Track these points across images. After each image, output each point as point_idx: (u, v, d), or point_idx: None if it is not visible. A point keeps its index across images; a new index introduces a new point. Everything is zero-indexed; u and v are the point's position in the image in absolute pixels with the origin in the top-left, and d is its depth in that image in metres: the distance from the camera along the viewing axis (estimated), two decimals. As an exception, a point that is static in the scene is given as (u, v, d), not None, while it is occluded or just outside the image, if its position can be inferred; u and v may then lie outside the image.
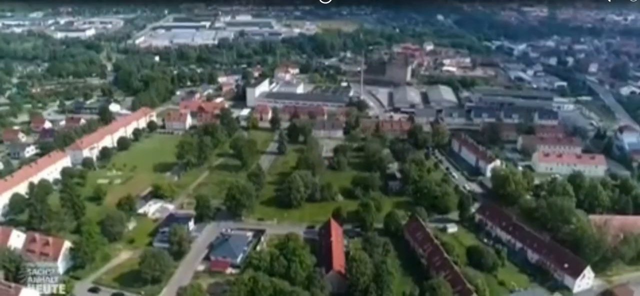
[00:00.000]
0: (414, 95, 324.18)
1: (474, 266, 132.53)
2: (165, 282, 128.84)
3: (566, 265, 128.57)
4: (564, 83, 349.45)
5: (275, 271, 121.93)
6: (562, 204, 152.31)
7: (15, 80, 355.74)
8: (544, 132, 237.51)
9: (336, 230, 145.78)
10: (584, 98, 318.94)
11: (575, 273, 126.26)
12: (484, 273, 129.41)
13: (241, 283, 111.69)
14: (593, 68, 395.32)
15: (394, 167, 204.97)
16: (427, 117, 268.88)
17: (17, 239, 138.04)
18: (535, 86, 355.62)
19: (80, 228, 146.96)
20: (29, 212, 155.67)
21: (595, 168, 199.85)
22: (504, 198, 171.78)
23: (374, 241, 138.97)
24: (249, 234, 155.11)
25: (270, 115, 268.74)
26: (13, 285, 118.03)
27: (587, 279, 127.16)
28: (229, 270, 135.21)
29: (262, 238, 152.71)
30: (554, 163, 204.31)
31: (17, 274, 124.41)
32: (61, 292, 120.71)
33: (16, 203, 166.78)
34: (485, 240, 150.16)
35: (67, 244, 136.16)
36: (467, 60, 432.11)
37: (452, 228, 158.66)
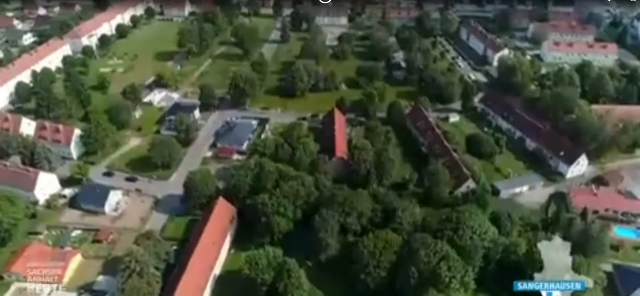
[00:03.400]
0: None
1: (473, 154, 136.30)
2: (175, 168, 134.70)
3: (562, 153, 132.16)
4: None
5: (280, 158, 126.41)
6: (566, 94, 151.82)
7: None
8: (557, 19, 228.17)
9: (340, 119, 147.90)
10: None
11: (570, 160, 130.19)
12: (482, 161, 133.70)
13: (248, 168, 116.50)
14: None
15: (399, 56, 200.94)
16: (436, 3, 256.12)
17: (28, 127, 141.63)
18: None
19: (88, 116, 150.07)
20: (36, 100, 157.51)
21: (606, 57, 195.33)
22: (509, 88, 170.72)
23: (376, 130, 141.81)
24: (254, 123, 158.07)
25: (272, 1, 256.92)
26: (31, 169, 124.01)
27: (581, 166, 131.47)
28: (236, 157, 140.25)
29: (267, 127, 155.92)
30: (564, 52, 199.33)
31: (33, 159, 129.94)
32: (77, 175, 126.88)
33: (22, 91, 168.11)
34: (486, 129, 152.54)
35: (78, 131, 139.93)
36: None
37: (454, 118, 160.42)
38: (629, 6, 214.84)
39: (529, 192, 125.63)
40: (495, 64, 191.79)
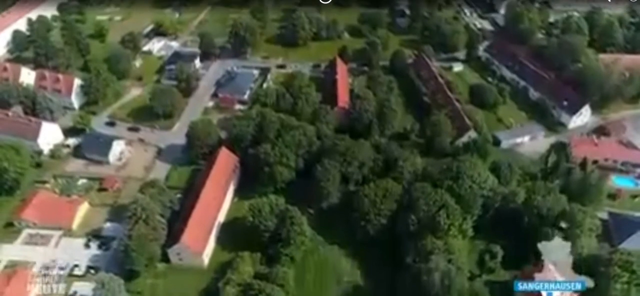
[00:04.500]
0: None
1: (476, 104, 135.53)
2: (176, 117, 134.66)
3: (565, 103, 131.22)
4: None
5: (281, 107, 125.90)
6: (573, 42, 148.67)
7: None
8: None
9: (341, 68, 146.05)
10: None
11: (573, 110, 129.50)
12: (484, 110, 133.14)
13: (249, 117, 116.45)
14: None
15: (403, 2, 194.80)
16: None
17: (27, 76, 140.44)
18: None
19: (87, 65, 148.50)
20: (34, 49, 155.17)
21: (616, 4, 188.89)
22: (516, 36, 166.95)
23: (378, 79, 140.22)
24: (255, 72, 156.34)
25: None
26: (33, 119, 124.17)
27: (584, 116, 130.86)
28: (237, 106, 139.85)
29: (268, 76, 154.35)
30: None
31: (34, 109, 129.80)
32: (80, 125, 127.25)
33: (19, 40, 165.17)
34: (490, 79, 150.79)
35: (78, 81, 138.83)
36: None
37: (458, 67, 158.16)
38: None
39: (530, 142, 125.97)
40: (502, 11, 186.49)
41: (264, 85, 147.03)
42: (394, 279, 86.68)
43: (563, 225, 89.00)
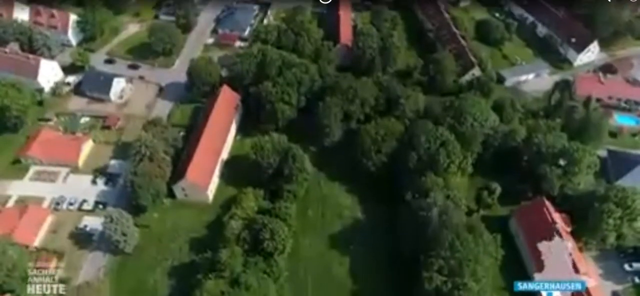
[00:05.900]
0: None
1: (482, 40, 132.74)
2: (176, 54, 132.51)
3: (573, 39, 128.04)
4: None
5: (282, 45, 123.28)
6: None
7: None
8: None
9: (344, 3, 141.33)
10: None
11: (581, 47, 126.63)
12: (490, 47, 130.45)
13: (250, 55, 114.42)
14: None
15: None
16: None
17: (21, 11, 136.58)
18: None
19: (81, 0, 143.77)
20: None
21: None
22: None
23: (382, 15, 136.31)
24: (255, 7, 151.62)
25: None
26: (31, 56, 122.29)
27: (591, 53, 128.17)
28: (238, 43, 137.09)
29: (269, 12, 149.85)
30: None
31: (31, 45, 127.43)
32: (79, 62, 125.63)
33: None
34: (497, 14, 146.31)
35: (74, 17, 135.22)
36: None
37: (464, 2, 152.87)
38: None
39: (535, 80, 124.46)
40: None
41: (265, 21, 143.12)
42: (393, 214, 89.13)
43: (562, 162, 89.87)
